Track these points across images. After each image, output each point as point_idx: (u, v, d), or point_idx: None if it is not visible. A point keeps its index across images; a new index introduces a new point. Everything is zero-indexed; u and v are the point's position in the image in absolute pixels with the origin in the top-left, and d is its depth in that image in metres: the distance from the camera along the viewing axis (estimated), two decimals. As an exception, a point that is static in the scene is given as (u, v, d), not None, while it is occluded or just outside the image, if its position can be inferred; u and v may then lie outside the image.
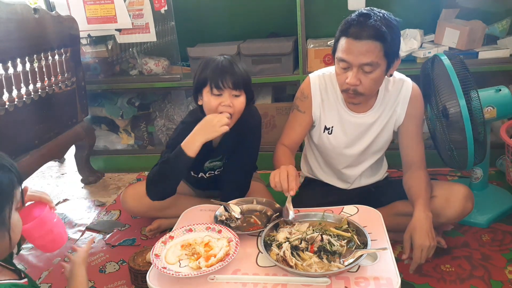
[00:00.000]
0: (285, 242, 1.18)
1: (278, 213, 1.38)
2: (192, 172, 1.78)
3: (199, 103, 1.56)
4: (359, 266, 1.12)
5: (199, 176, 1.80)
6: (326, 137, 1.61)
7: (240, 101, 1.52)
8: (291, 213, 1.30)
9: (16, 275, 1.03)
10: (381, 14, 1.34)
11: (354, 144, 1.61)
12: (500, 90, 1.71)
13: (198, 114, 1.58)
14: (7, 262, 1.03)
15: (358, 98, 1.45)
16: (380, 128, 1.58)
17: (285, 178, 1.31)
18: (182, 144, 1.49)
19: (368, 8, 1.39)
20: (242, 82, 1.50)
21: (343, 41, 1.37)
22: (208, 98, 1.50)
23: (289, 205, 1.31)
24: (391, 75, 1.48)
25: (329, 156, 1.66)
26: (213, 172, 1.78)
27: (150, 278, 1.14)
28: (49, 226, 1.08)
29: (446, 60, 1.59)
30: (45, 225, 1.06)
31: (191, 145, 1.47)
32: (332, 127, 1.59)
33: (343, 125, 1.58)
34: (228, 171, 1.73)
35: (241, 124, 1.59)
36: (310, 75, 1.61)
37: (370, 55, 1.33)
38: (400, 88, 1.54)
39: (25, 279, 1.04)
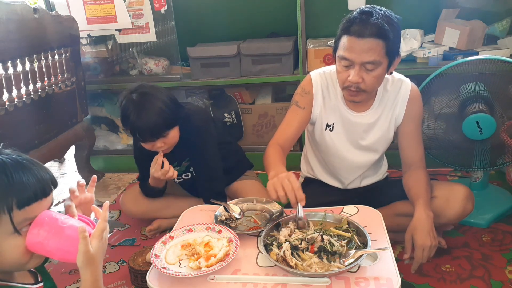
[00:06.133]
0: (285, 242, 1.18)
1: (278, 213, 1.37)
2: None
3: None
4: (359, 266, 1.11)
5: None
6: (328, 134, 1.60)
7: (171, 136, 1.60)
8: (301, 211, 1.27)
9: (32, 278, 0.95)
10: (382, 12, 1.34)
11: (354, 143, 1.60)
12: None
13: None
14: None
15: (360, 96, 1.44)
16: (380, 128, 1.58)
17: (290, 190, 1.23)
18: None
19: (369, 5, 1.38)
20: (162, 128, 1.55)
21: (345, 39, 1.37)
22: (143, 144, 1.62)
23: (301, 210, 1.26)
24: (391, 73, 1.48)
25: (330, 154, 1.65)
26: (181, 177, 1.84)
27: (150, 278, 1.14)
28: (47, 226, 0.85)
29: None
30: (42, 226, 0.84)
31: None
32: (333, 123, 1.58)
33: (344, 123, 1.58)
34: (197, 172, 1.80)
35: (184, 130, 1.65)
36: (311, 72, 1.60)
37: (373, 53, 1.33)
38: (399, 88, 1.54)
39: (41, 283, 0.95)
